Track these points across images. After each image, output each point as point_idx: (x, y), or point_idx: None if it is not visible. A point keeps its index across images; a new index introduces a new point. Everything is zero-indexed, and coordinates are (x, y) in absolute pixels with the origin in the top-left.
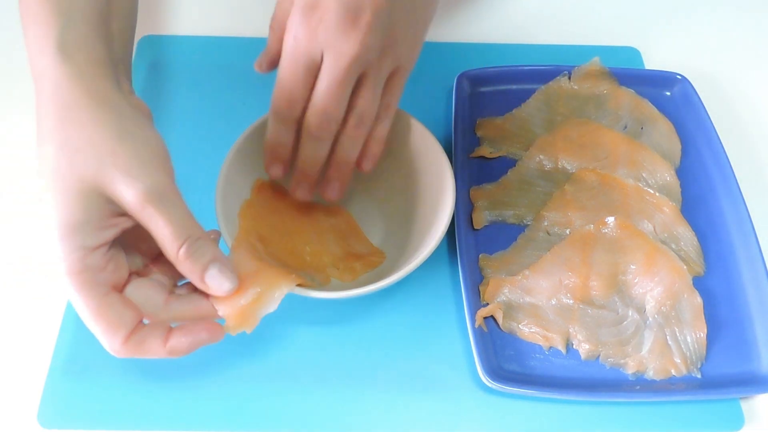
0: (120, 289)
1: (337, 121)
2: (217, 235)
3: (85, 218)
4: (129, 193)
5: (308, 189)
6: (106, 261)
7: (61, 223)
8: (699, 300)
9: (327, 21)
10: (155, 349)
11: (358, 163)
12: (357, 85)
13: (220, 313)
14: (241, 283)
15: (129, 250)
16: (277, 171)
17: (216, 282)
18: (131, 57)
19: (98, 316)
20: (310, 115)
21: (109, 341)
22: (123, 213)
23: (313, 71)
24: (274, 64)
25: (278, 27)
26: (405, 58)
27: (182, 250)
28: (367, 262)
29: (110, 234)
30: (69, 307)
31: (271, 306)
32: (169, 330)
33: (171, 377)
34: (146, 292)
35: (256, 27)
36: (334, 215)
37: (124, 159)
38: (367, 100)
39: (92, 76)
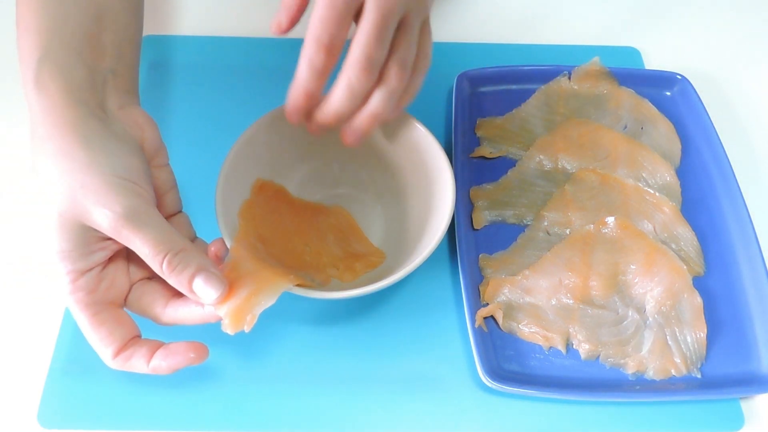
0: (119, 303)
1: (379, 66)
2: (221, 245)
3: (71, 246)
4: (103, 221)
5: (320, 131)
6: (98, 282)
7: (53, 250)
8: (699, 300)
9: None
10: (140, 367)
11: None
12: (396, 30)
13: (218, 313)
14: (238, 283)
15: (137, 261)
16: (297, 119)
17: (202, 291)
18: (134, 65)
19: (90, 333)
20: (352, 61)
21: (101, 355)
22: (109, 237)
23: (352, 12)
24: (294, 21)
25: None
26: (427, 6)
27: (164, 265)
28: (366, 262)
29: (100, 257)
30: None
31: (267, 302)
32: (157, 348)
33: (171, 377)
34: (149, 297)
35: (257, 27)
36: (334, 215)
37: (93, 190)
38: (409, 45)
39: (65, 106)
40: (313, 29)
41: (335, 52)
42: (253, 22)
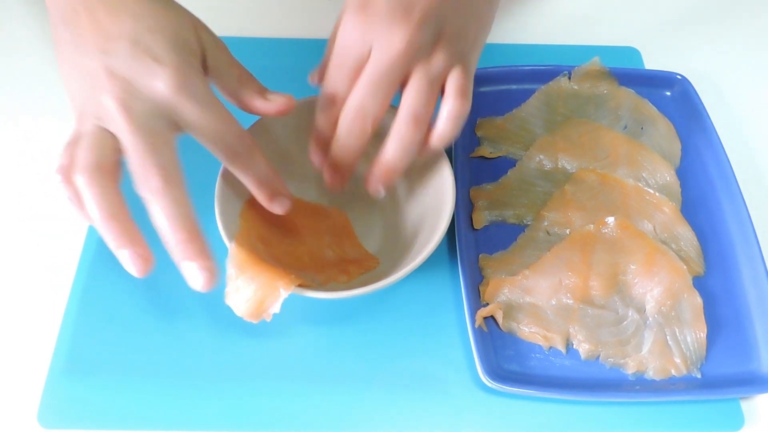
0: None
1: (374, 116)
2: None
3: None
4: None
5: (338, 181)
6: None
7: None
8: (699, 300)
9: (377, 15)
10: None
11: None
12: (407, 82)
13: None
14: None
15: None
16: (315, 158)
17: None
18: None
19: None
20: (346, 107)
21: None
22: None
23: (360, 67)
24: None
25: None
26: (462, 56)
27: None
28: (360, 266)
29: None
30: (69, 307)
31: (274, 308)
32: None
33: (171, 377)
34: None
35: (257, 27)
36: (332, 217)
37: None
38: (418, 97)
39: None
40: (325, 81)
41: (340, 100)
42: (254, 23)
